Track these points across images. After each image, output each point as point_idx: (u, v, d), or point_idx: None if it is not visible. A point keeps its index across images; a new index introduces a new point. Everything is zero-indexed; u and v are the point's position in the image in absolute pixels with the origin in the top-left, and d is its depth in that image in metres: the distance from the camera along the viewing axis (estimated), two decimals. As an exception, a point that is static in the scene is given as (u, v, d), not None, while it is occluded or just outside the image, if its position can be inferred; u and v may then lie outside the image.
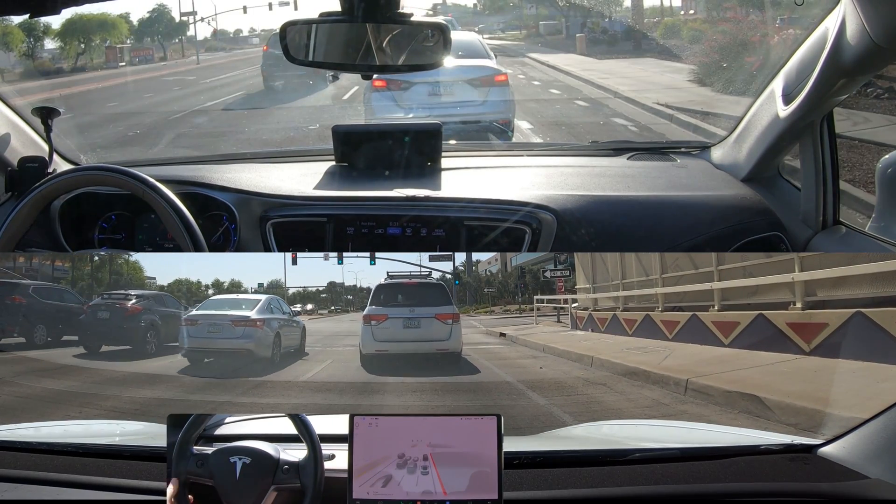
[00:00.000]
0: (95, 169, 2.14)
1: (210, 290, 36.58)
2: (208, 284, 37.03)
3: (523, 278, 28.24)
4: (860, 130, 7.08)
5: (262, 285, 38.73)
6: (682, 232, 2.22)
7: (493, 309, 26.55)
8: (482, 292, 31.41)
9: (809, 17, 2.01)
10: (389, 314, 6.85)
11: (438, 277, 12.37)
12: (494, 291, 29.53)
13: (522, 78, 16.80)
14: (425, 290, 7.24)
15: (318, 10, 1.62)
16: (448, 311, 6.93)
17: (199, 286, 35.94)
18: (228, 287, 37.72)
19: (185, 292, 32.67)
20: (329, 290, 42.13)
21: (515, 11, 36.09)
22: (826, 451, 1.35)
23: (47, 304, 10.01)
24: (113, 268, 22.14)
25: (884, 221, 2.12)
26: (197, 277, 36.64)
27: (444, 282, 8.83)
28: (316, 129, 10.43)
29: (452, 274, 22.46)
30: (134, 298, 9.68)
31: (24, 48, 23.88)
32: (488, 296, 30.56)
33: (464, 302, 28.75)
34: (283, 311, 9.18)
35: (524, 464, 1.34)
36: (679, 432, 1.82)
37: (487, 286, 29.09)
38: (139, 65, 25.98)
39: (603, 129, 10.66)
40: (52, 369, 6.89)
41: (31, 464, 1.43)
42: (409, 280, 7.72)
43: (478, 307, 28.65)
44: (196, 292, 33.95)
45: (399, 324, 6.78)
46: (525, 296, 23.96)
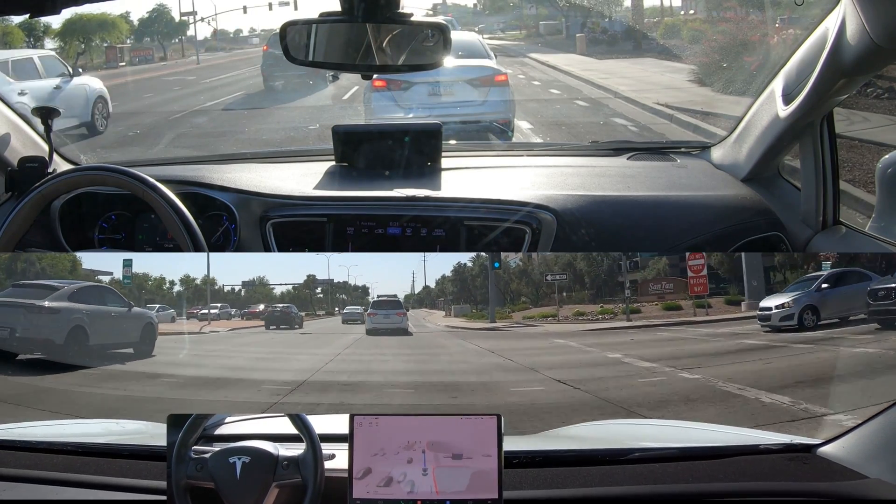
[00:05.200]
0: (95, 169, 2.14)
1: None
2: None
3: (635, 268, 19.33)
4: (860, 130, 7.08)
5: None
6: (682, 232, 2.22)
7: (553, 314, 16.56)
8: (515, 287, 23.79)
9: (809, 17, 2.01)
10: (377, 312, 13.93)
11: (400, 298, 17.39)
12: (565, 280, 18.52)
13: (522, 78, 16.83)
14: (392, 303, 14.52)
15: (318, 10, 1.62)
16: (401, 311, 14.35)
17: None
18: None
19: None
20: (308, 285, 37.52)
21: (515, 11, 36.14)
22: (825, 450, 1.35)
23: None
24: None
25: (884, 221, 2.12)
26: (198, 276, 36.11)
27: (399, 298, 16.03)
28: (316, 129, 10.45)
29: (490, 258, 18.25)
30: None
31: (23, 48, 23.90)
32: (538, 292, 21.62)
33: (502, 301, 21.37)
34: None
35: (524, 463, 1.34)
36: (679, 432, 1.82)
37: (551, 275, 18.17)
38: (139, 65, 26.02)
39: (603, 129, 10.67)
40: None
41: (30, 463, 1.42)
42: (386, 299, 14.86)
43: (516, 306, 20.75)
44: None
45: (381, 317, 13.76)
46: (629, 294, 15.50)
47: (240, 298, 36.18)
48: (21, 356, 6.48)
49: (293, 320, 17.25)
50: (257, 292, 37.98)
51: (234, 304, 31.14)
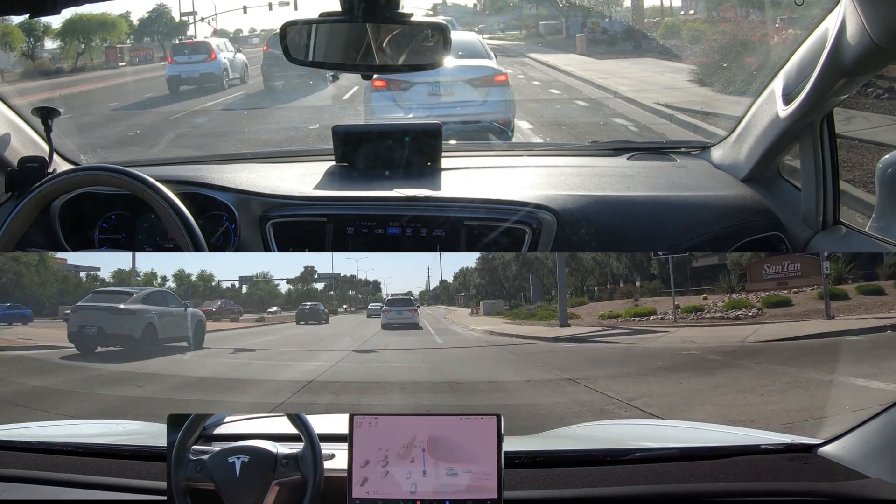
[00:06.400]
0: (95, 169, 2.14)
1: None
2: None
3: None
4: (860, 130, 7.08)
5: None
6: (682, 232, 2.22)
7: (649, 311, 11.60)
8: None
9: (809, 17, 2.01)
10: (391, 309, 16.09)
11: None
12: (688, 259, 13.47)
13: (522, 78, 16.83)
14: (404, 301, 16.93)
15: (318, 10, 1.62)
16: (412, 307, 16.51)
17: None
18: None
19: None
20: (305, 278, 37.30)
21: (515, 11, 36.16)
22: (826, 450, 1.35)
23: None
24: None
25: (884, 221, 2.12)
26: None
27: (412, 297, 18.22)
28: (316, 129, 10.45)
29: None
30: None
31: (24, 48, 23.90)
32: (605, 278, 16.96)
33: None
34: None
35: (524, 463, 1.34)
36: (679, 432, 1.82)
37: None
38: (139, 65, 25.98)
39: (603, 129, 10.67)
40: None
41: (30, 463, 1.42)
42: (399, 297, 17.61)
43: (570, 301, 14.61)
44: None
45: (394, 313, 15.85)
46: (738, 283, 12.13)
47: (239, 295, 36.07)
48: (100, 349, 8.06)
49: (320, 316, 20.12)
50: (260, 288, 37.79)
51: (235, 300, 31.01)
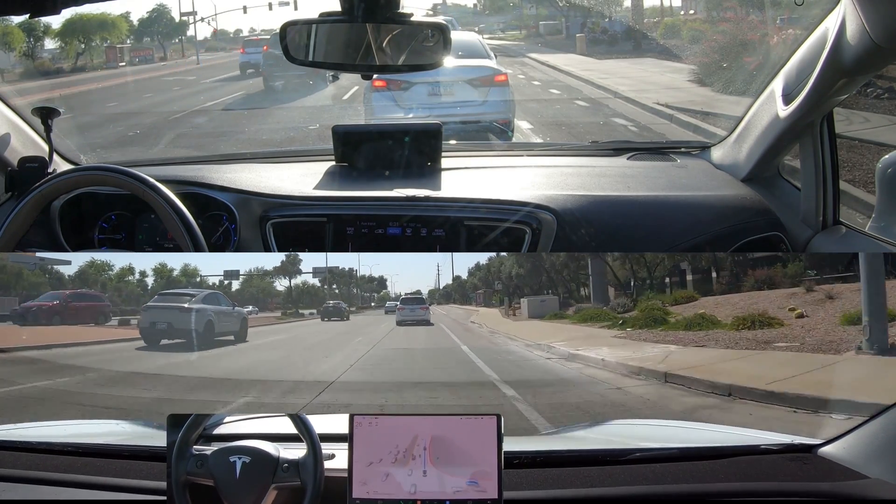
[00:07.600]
0: (95, 169, 2.14)
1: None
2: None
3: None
4: (860, 130, 7.07)
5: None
6: (682, 232, 2.22)
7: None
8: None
9: (809, 17, 2.01)
10: (405, 307, 17.14)
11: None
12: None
13: (522, 78, 16.82)
14: (417, 300, 18.59)
15: (317, 10, 1.62)
16: (424, 306, 17.84)
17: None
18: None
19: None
20: (286, 268, 33.64)
21: (515, 11, 36.14)
22: (826, 450, 1.35)
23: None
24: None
25: (884, 221, 2.12)
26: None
27: (423, 296, 19.62)
28: (316, 129, 10.45)
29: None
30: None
31: (24, 48, 23.88)
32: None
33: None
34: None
35: (524, 463, 1.34)
36: (679, 432, 1.82)
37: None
38: (139, 65, 26.00)
39: (603, 129, 10.67)
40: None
41: (30, 463, 1.42)
42: (412, 296, 19.17)
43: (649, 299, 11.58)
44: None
45: (408, 311, 16.83)
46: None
47: (229, 292, 35.57)
48: (164, 341, 9.38)
49: (343, 313, 22.35)
50: (253, 285, 37.24)
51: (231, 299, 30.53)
